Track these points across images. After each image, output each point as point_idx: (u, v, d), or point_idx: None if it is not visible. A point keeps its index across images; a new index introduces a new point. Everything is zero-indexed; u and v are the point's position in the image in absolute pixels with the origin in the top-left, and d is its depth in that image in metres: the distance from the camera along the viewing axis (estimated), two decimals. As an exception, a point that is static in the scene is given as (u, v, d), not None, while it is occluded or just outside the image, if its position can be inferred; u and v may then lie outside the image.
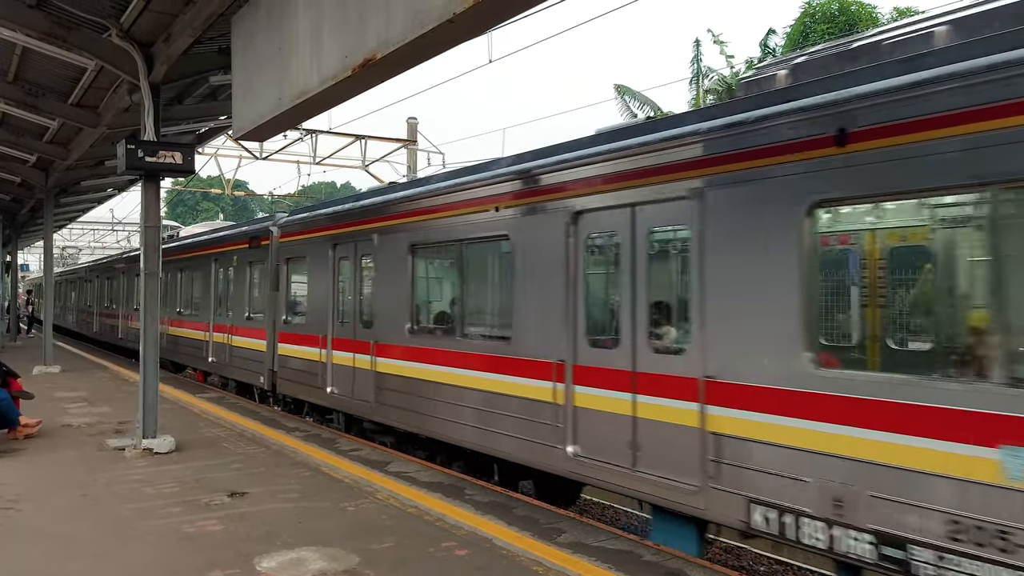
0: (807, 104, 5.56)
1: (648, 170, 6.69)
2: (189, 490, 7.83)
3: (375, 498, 7.57)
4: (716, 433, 5.99)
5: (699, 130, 6.34)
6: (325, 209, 12.88)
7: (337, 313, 11.94)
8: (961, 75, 4.74)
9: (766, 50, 27.02)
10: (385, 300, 10.64)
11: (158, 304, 10.15)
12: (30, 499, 7.49)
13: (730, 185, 6.03)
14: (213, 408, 13.40)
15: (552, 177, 7.73)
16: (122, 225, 47.10)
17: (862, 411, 5.08)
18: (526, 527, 6.67)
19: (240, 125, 8.70)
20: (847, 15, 25.19)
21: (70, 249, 55.60)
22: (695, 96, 28.20)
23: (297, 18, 7.13)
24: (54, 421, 11.64)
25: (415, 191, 10.19)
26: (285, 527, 6.58)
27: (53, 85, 13.23)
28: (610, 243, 7.18)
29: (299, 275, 13.55)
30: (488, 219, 8.56)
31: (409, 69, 6.24)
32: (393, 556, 5.90)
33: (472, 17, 5.03)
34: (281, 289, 13.93)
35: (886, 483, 4.92)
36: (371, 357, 10.72)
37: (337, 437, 10.95)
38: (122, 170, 9.84)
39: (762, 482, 5.64)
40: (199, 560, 5.78)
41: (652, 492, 6.58)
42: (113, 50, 9.99)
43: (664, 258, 6.89)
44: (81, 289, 34.29)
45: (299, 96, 7.16)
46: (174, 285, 20.29)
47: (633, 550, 6.13)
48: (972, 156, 4.65)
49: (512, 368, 8.09)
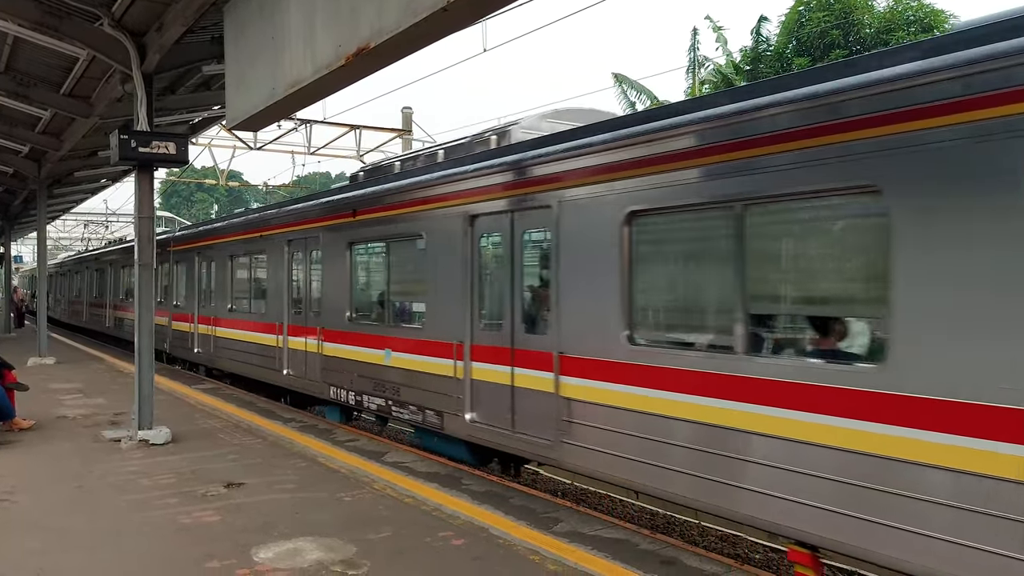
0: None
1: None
2: (185, 481, 7.83)
3: (372, 488, 7.58)
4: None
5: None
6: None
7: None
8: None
9: (759, 38, 26.90)
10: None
11: (152, 295, 10.13)
12: (25, 491, 7.48)
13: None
14: (209, 399, 13.38)
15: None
16: (115, 216, 46.93)
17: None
18: (523, 516, 6.68)
19: (234, 115, 8.65)
20: (842, 3, 25.07)
21: (64, 240, 55.39)
22: (691, 86, 28.12)
23: (290, 7, 7.07)
24: (49, 413, 11.62)
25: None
26: (282, 518, 6.58)
27: (45, 75, 13.14)
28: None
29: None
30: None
31: (403, 58, 6.19)
32: (390, 546, 5.91)
33: (466, 5, 5.01)
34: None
35: None
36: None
37: (333, 428, 10.96)
38: (115, 161, 9.78)
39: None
40: (196, 551, 5.78)
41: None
42: (105, 40, 9.92)
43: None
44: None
45: (293, 85, 7.11)
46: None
47: (629, 539, 6.15)
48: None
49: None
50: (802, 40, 25.29)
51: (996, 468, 4.26)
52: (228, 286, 16.25)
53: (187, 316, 18.30)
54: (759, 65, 26.02)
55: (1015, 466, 4.19)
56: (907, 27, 24.32)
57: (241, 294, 15.91)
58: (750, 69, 26.08)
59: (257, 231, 14.59)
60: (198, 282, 17.89)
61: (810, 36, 24.98)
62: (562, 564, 5.54)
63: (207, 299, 17.35)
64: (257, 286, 15.00)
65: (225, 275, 16.35)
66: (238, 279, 16.16)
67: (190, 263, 18.26)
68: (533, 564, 5.56)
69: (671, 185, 6.28)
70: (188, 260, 18.36)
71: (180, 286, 19.41)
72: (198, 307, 17.67)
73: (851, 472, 4.95)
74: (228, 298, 16.19)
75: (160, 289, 19.78)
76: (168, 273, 20.00)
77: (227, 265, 16.21)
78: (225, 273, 16.35)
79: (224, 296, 16.35)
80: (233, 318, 15.77)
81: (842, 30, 24.66)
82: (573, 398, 7.21)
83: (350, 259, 11.33)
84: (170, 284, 19.99)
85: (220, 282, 16.66)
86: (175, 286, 19.72)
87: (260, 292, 14.61)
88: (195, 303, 17.83)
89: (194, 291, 18.02)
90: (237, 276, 16.14)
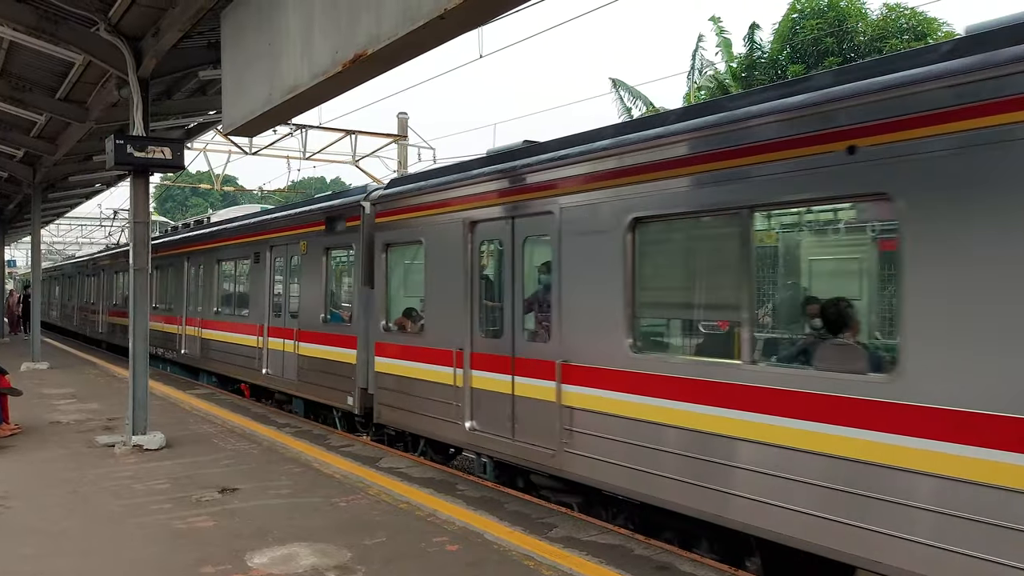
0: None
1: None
2: (180, 486, 7.81)
3: (366, 494, 7.57)
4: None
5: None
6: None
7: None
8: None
9: (752, 45, 26.96)
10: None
11: (147, 300, 10.14)
12: (19, 496, 7.46)
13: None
14: (203, 404, 13.36)
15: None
16: (110, 221, 46.76)
17: None
18: (517, 522, 6.69)
19: (230, 120, 8.67)
20: (836, 11, 25.18)
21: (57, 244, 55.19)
22: (687, 93, 28.21)
23: (287, 13, 7.10)
24: (43, 418, 11.59)
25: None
26: (276, 523, 6.58)
27: (40, 80, 13.13)
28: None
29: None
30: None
31: (400, 64, 6.23)
32: (385, 551, 5.90)
33: (464, 13, 5.03)
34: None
35: None
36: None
37: (328, 433, 10.95)
38: (111, 165, 9.78)
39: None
40: (190, 556, 5.77)
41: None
42: (101, 44, 9.92)
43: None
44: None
45: (289, 91, 7.13)
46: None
47: (624, 544, 6.16)
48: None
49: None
50: (796, 47, 25.38)
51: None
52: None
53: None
54: (753, 72, 26.11)
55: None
56: (900, 35, 24.44)
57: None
58: (745, 76, 26.17)
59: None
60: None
61: (804, 43, 25.07)
62: (557, 569, 5.55)
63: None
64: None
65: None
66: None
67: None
68: (528, 570, 5.56)
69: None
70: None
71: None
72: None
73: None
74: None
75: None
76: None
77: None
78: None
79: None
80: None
81: (836, 37, 24.77)
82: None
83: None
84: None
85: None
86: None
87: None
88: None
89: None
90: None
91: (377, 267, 10.47)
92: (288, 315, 13.18)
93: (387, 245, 10.32)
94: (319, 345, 11.88)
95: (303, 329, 12.46)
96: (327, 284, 12.09)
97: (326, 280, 12.04)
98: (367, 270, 10.72)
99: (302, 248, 12.52)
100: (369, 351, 10.54)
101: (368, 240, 10.76)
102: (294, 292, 13.19)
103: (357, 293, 11.13)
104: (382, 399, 10.21)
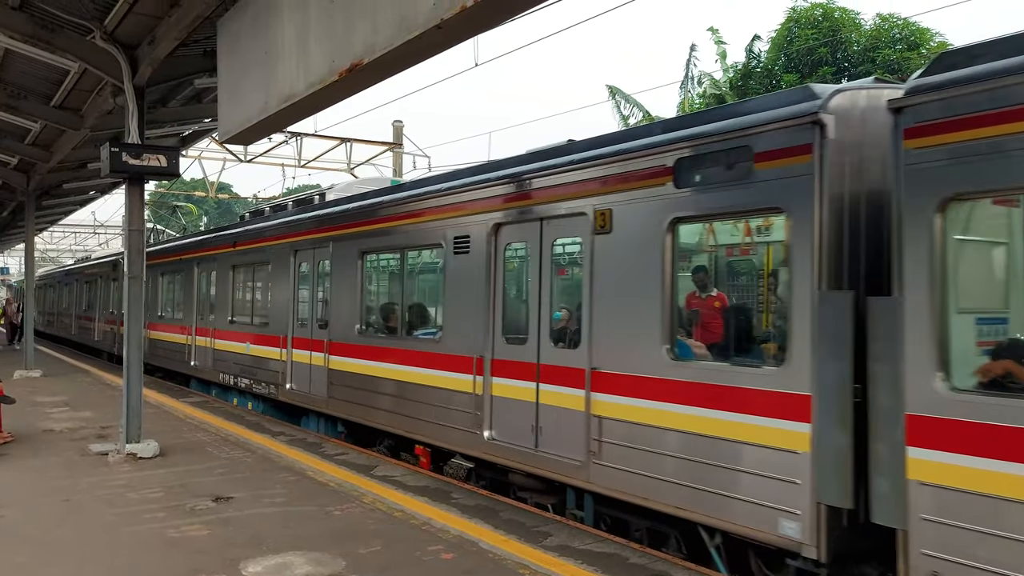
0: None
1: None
2: (174, 495, 7.78)
3: (361, 502, 7.56)
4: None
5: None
6: None
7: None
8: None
9: (751, 55, 27.13)
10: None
11: (142, 308, 10.09)
12: (12, 505, 7.42)
13: None
14: (197, 412, 13.31)
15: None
16: (104, 228, 46.69)
17: None
18: (512, 530, 6.68)
19: (226, 128, 8.68)
20: (831, 21, 25.36)
21: (51, 251, 55.05)
22: (681, 101, 28.33)
23: (283, 22, 7.12)
24: (36, 426, 11.54)
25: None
26: (270, 532, 6.56)
27: (36, 87, 13.14)
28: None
29: None
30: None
31: (397, 73, 6.26)
32: (379, 560, 5.89)
33: (460, 23, 5.05)
34: None
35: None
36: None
37: (323, 441, 10.92)
38: (106, 173, 9.77)
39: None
40: (184, 565, 5.75)
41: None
42: (97, 52, 9.93)
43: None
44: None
45: (285, 100, 7.15)
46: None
47: (619, 553, 6.16)
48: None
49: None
50: (791, 57, 25.53)
51: None
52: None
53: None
54: (749, 81, 26.26)
55: None
56: (893, 45, 24.61)
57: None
58: (740, 85, 26.30)
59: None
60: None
61: (799, 53, 25.23)
62: (552, 578, 5.55)
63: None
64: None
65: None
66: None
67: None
68: (523, 578, 5.56)
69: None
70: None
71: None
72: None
73: None
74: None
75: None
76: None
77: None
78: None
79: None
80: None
81: (830, 47, 24.92)
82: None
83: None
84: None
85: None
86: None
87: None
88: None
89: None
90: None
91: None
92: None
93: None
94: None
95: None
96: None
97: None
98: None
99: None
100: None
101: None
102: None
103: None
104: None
